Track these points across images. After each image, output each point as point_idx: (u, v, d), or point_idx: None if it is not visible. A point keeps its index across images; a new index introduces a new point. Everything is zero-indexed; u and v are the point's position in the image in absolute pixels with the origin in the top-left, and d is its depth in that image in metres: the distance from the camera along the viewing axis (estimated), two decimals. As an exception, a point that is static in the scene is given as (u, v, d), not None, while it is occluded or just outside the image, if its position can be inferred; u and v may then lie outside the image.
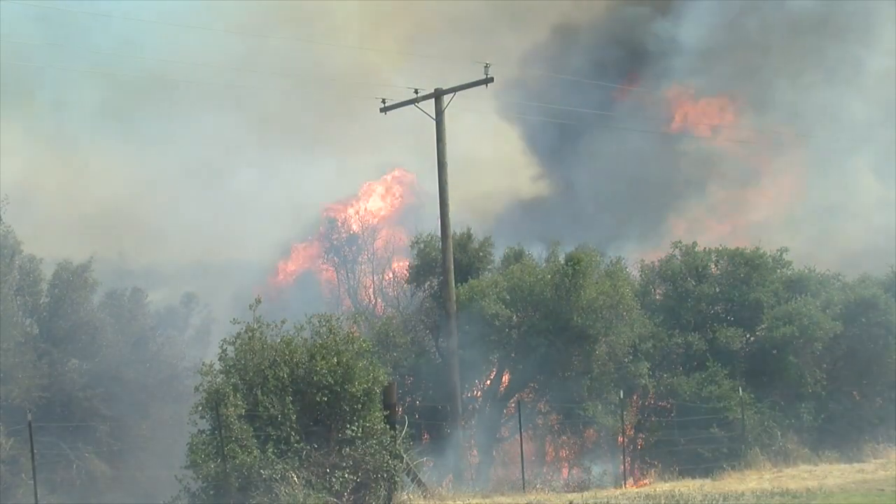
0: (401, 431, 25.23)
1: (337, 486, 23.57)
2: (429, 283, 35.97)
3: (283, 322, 25.38)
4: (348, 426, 24.08)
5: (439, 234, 32.77)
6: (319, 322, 25.30)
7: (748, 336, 36.35)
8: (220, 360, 24.53)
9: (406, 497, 24.79)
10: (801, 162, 53.29)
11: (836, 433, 35.70)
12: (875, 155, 50.86)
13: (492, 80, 31.59)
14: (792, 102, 51.94)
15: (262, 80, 46.64)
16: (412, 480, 25.51)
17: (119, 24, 44.42)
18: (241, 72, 45.32)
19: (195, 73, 44.08)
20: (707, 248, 37.34)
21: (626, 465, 33.71)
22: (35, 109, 48.92)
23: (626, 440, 33.74)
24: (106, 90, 47.95)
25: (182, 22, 44.05)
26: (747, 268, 36.43)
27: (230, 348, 24.55)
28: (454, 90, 32.17)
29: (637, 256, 39.21)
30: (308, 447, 23.77)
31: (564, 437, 34.91)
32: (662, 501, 24.65)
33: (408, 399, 33.07)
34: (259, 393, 23.82)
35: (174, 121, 49.68)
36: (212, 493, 23.50)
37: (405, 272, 37.90)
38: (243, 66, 45.46)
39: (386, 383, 25.02)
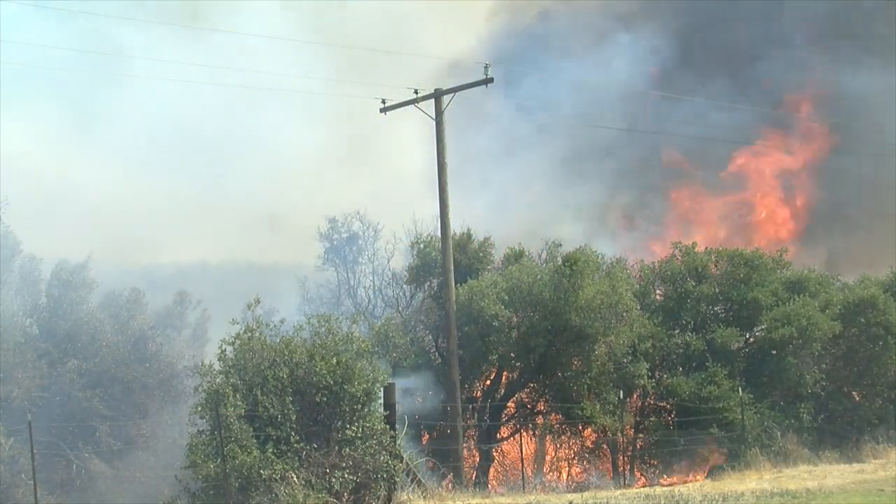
0: (401, 431, 25.27)
1: (337, 487, 23.61)
2: (428, 283, 35.99)
3: (282, 322, 25.45)
4: (348, 426, 24.11)
5: (439, 234, 32.81)
6: (319, 322, 25.34)
7: (747, 336, 36.38)
8: (219, 360, 24.57)
9: (406, 497, 24.83)
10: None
11: (836, 433, 35.75)
12: None
13: (492, 80, 31.54)
14: None
15: (260, 80, 46.68)
16: (412, 480, 25.54)
17: (118, 23, 44.39)
18: (240, 71, 45.35)
19: (193, 72, 44.15)
20: (707, 249, 37.40)
21: (626, 465, 33.75)
22: (37, 109, 48.94)
23: (625, 440, 33.76)
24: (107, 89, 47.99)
25: (176, 20, 44.10)
26: (747, 268, 36.44)
27: (229, 349, 24.59)
28: (454, 90, 32.17)
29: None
30: (308, 447, 23.80)
31: (564, 438, 34.92)
32: (662, 501, 24.68)
33: (407, 399, 33.05)
34: (259, 393, 23.86)
35: (172, 121, 49.72)
36: (212, 493, 23.54)
37: (405, 272, 37.91)
38: (243, 66, 45.45)
39: (386, 383, 25.05)
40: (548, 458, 35.81)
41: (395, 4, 51.84)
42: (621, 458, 33.85)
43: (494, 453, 34.58)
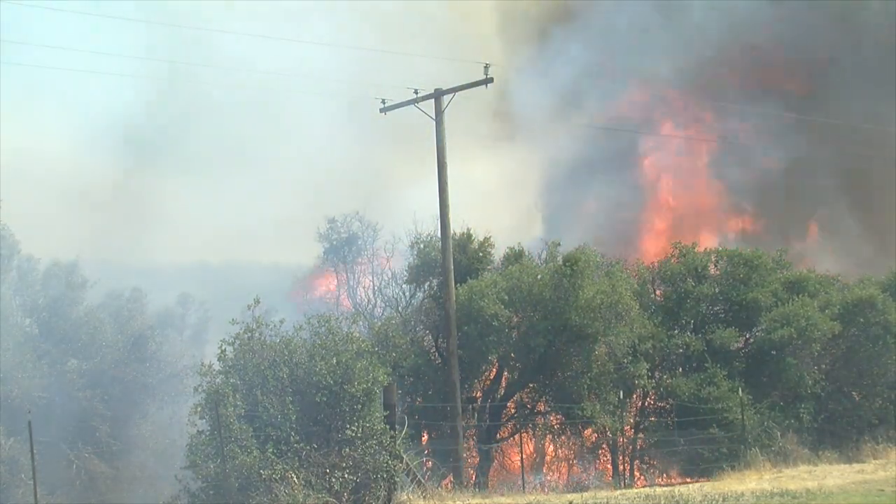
0: (400, 432, 25.29)
1: (336, 487, 23.63)
2: (428, 283, 35.98)
3: (282, 322, 25.45)
4: (348, 426, 24.13)
5: (439, 234, 32.81)
6: (319, 322, 25.35)
7: (747, 337, 36.40)
8: (219, 360, 24.59)
9: (406, 497, 24.84)
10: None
11: (836, 433, 35.76)
12: None
13: (492, 80, 31.47)
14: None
15: (261, 81, 46.73)
16: (412, 481, 25.56)
17: (118, 24, 44.39)
18: (241, 72, 45.38)
19: (193, 72, 44.16)
20: (706, 249, 37.42)
21: (626, 465, 33.76)
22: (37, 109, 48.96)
23: (625, 440, 33.77)
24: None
25: (173, 21, 44.10)
26: (746, 268, 36.46)
27: (229, 349, 24.60)
28: (454, 90, 32.11)
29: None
30: (308, 447, 23.82)
31: (564, 438, 34.93)
32: (662, 502, 24.69)
33: (407, 399, 33.08)
34: (259, 393, 23.88)
35: (170, 122, 49.77)
36: (211, 493, 23.56)
37: (405, 272, 37.92)
38: (242, 67, 45.50)
39: (386, 383, 25.06)
40: (548, 458, 35.82)
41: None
42: (621, 458, 33.85)
43: (494, 453, 34.59)
